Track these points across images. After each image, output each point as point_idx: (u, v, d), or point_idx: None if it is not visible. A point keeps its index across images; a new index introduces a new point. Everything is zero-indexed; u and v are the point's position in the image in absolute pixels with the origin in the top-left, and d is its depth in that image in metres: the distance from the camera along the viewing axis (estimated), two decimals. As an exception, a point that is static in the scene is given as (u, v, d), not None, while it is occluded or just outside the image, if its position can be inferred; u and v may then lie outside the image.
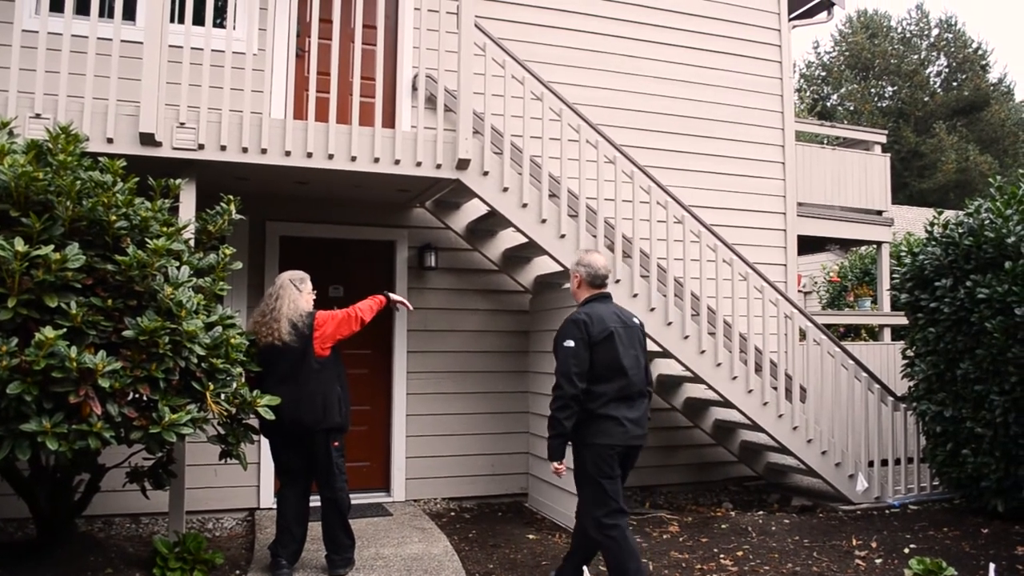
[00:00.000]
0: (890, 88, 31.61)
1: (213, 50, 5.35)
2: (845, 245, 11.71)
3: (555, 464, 4.28)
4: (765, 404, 6.61)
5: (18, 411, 3.69)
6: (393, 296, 5.32)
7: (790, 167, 8.53)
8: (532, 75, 6.11)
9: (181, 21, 5.40)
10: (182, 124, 5.25)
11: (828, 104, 32.07)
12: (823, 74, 33.13)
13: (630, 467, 4.40)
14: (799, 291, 10.22)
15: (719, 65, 8.34)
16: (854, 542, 5.70)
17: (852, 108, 30.69)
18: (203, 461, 5.95)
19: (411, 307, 5.36)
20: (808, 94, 32.81)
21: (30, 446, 3.75)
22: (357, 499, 6.74)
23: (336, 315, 4.96)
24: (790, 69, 8.58)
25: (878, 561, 5.27)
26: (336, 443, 4.95)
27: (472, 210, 6.87)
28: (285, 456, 4.95)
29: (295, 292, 4.92)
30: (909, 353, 7.13)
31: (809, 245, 11.00)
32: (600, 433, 4.19)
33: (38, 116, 4.94)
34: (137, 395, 4.06)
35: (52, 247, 3.81)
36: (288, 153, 5.47)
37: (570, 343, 4.20)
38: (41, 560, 4.81)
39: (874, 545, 5.62)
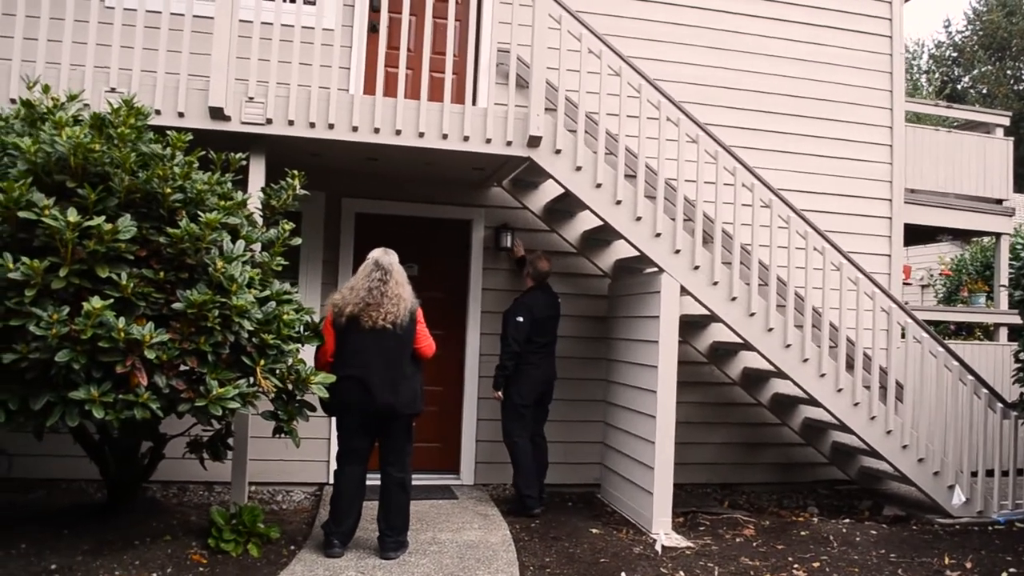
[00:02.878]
0: (1030, 70, 29.35)
1: (283, 25, 5.33)
2: (960, 236, 10.87)
3: (497, 392, 6.18)
4: (856, 405, 6.15)
5: (67, 379, 3.75)
6: None
7: (898, 150, 7.91)
8: (610, 49, 5.83)
9: (252, -5, 5.39)
10: (251, 98, 5.26)
11: (959, 87, 30.07)
12: (954, 55, 31.07)
13: (549, 400, 6.41)
14: (906, 283, 9.54)
15: (820, 39, 7.79)
16: (946, 560, 5.22)
17: (985, 91, 28.68)
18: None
19: None
20: (937, 76, 30.86)
21: (79, 414, 3.80)
22: (425, 480, 6.73)
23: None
24: (901, 45, 7.94)
25: (970, 583, 4.82)
26: (414, 423, 5.04)
27: (550, 190, 6.65)
28: (356, 436, 4.91)
29: (406, 277, 4.94)
30: (1023, 356, 6.51)
31: (924, 235, 10.26)
32: (526, 376, 6.16)
33: (113, 90, 5.02)
34: (187, 368, 4.07)
35: (105, 218, 3.83)
36: (355, 128, 5.41)
37: (520, 319, 6.11)
38: (106, 522, 4.95)
39: (968, 565, 5.13)
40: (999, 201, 9.06)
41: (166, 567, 4.42)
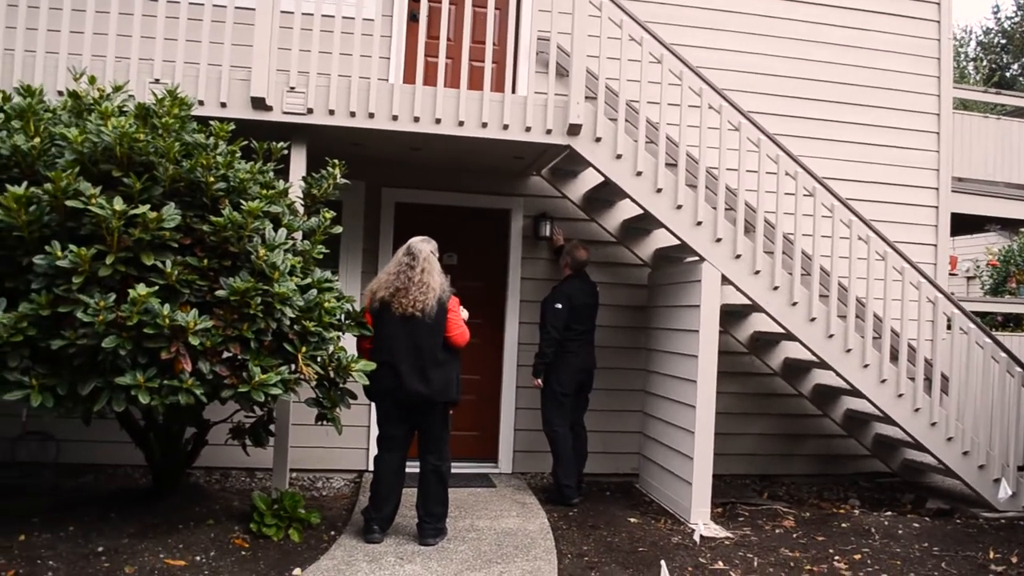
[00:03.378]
0: (1082, 56, 28.49)
1: (323, 15, 5.36)
2: (1009, 225, 10.60)
3: (536, 380, 6.15)
4: (900, 396, 6.05)
5: (114, 365, 3.82)
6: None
7: (945, 138, 7.74)
8: (652, 35, 5.77)
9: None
10: (292, 88, 5.30)
11: (1008, 74, 29.29)
12: (1003, 42, 30.26)
13: (589, 389, 6.37)
14: (952, 274, 9.33)
15: (865, 24, 7.64)
16: (991, 555, 5.12)
17: (1035, 78, 27.90)
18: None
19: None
20: (985, 63, 30.08)
21: (125, 399, 3.87)
22: (463, 468, 6.76)
23: (460, 310, 5.03)
24: (949, 29, 7.75)
25: (1017, 578, 4.72)
26: (451, 411, 5.04)
27: (589, 179, 6.62)
28: (392, 423, 4.94)
29: (439, 265, 4.93)
30: (1075, 347, 6.35)
31: (971, 224, 10.02)
32: (565, 364, 6.13)
33: (157, 81, 5.09)
34: (230, 354, 4.12)
35: (149, 207, 3.89)
36: (395, 118, 5.43)
37: (559, 306, 6.10)
38: (150, 507, 5.04)
39: (1014, 560, 5.03)
40: (1050, 189, 8.83)
41: (209, 550, 4.50)
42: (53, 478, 5.93)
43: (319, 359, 4.49)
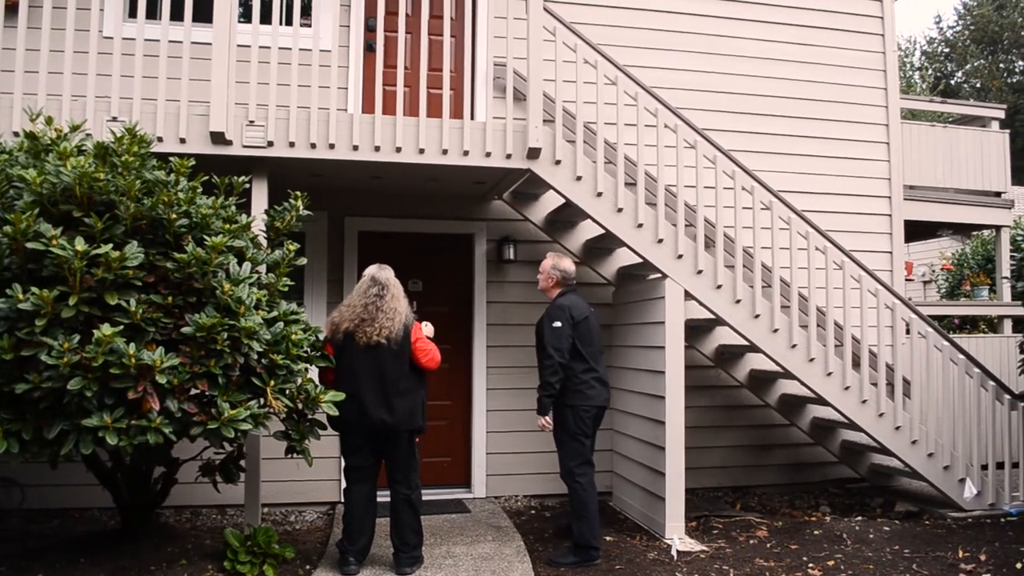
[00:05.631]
0: (1021, 63, 29.44)
1: (280, 48, 5.37)
2: (961, 230, 10.87)
3: (542, 419, 5.22)
4: (864, 402, 6.16)
5: (80, 406, 3.78)
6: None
7: (895, 147, 7.96)
8: (605, 58, 5.88)
9: (248, 20, 5.43)
10: (251, 122, 5.31)
11: (952, 82, 30.14)
12: (946, 50, 31.18)
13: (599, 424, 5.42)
14: (908, 279, 9.53)
15: (813, 40, 7.86)
16: (960, 554, 5.23)
17: (979, 85, 28.74)
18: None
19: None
20: (930, 72, 30.94)
21: (93, 440, 3.83)
22: (437, 495, 6.73)
23: (425, 336, 4.99)
24: (894, 43, 7.99)
25: (985, 576, 4.82)
26: (417, 439, 5.01)
27: (550, 201, 6.69)
28: (359, 454, 4.92)
29: (402, 291, 4.93)
30: (1028, 347, 6.53)
31: (924, 231, 10.28)
32: (581, 396, 5.22)
33: (114, 119, 5.07)
34: (198, 391, 4.09)
35: (111, 246, 3.87)
36: (356, 147, 5.45)
37: (558, 324, 5.19)
38: (121, 549, 4.96)
39: (983, 558, 5.14)
40: (998, 194, 9.09)
41: (184, 591, 4.44)
42: (19, 524, 5.80)
43: (288, 392, 4.47)
